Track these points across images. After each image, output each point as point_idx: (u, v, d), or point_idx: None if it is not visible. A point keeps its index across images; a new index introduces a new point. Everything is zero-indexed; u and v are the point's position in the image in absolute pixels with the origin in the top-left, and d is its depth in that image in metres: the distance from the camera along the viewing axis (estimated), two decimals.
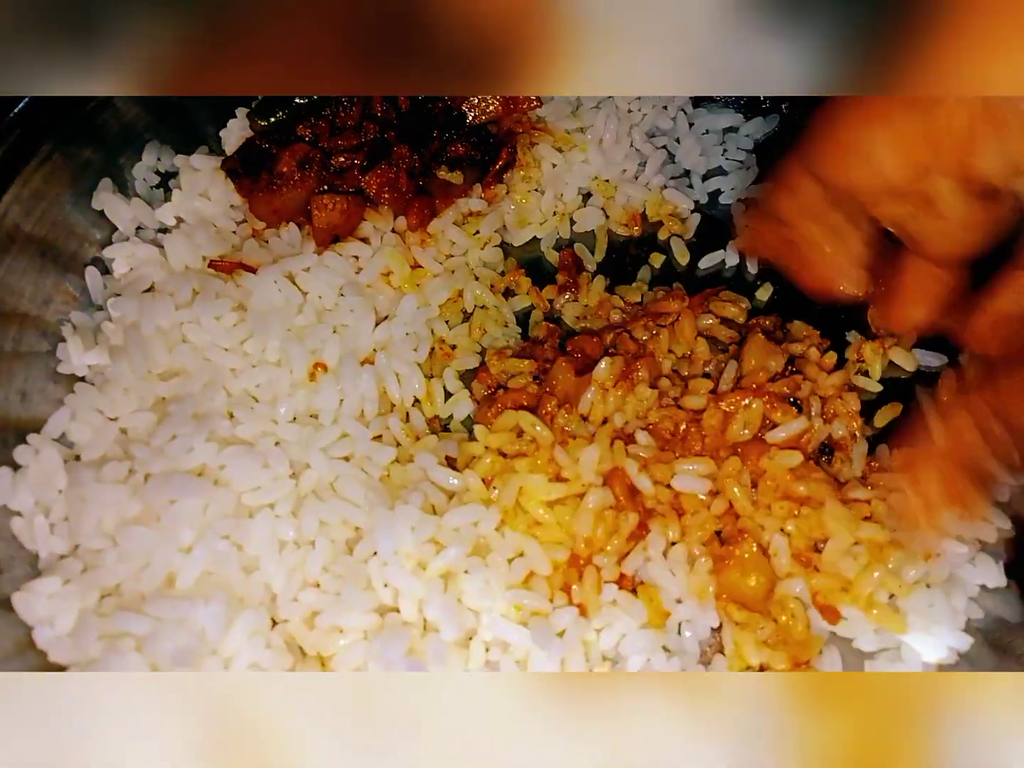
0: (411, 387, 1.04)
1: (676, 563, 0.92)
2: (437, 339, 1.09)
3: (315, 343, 1.00)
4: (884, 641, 0.91)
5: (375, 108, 1.09)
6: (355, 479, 0.93)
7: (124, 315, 1.00)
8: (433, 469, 0.95)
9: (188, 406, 0.93)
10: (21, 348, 1.00)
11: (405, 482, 0.95)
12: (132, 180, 1.14)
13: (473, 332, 1.10)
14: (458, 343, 1.09)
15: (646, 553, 0.93)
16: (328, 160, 1.06)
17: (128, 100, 1.13)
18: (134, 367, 0.96)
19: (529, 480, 0.93)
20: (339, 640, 0.86)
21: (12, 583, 0.87)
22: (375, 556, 0.89)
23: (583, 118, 1.23)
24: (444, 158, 1.14)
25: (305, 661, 0.86)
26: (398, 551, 0.87)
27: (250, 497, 0.90)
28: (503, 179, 1.17)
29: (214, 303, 0.99)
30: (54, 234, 1.06)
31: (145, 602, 0.82)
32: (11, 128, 1.01)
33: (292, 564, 0.87)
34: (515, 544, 0.92)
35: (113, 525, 0.86)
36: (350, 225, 1.07)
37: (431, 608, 0.86)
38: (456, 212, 1.14)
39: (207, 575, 0.85)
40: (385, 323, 1.05)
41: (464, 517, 0.91)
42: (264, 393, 0.98)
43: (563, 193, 1.21)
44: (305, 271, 1.03)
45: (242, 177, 1.08)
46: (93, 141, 1.10)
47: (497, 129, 1.20)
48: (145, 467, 0.89)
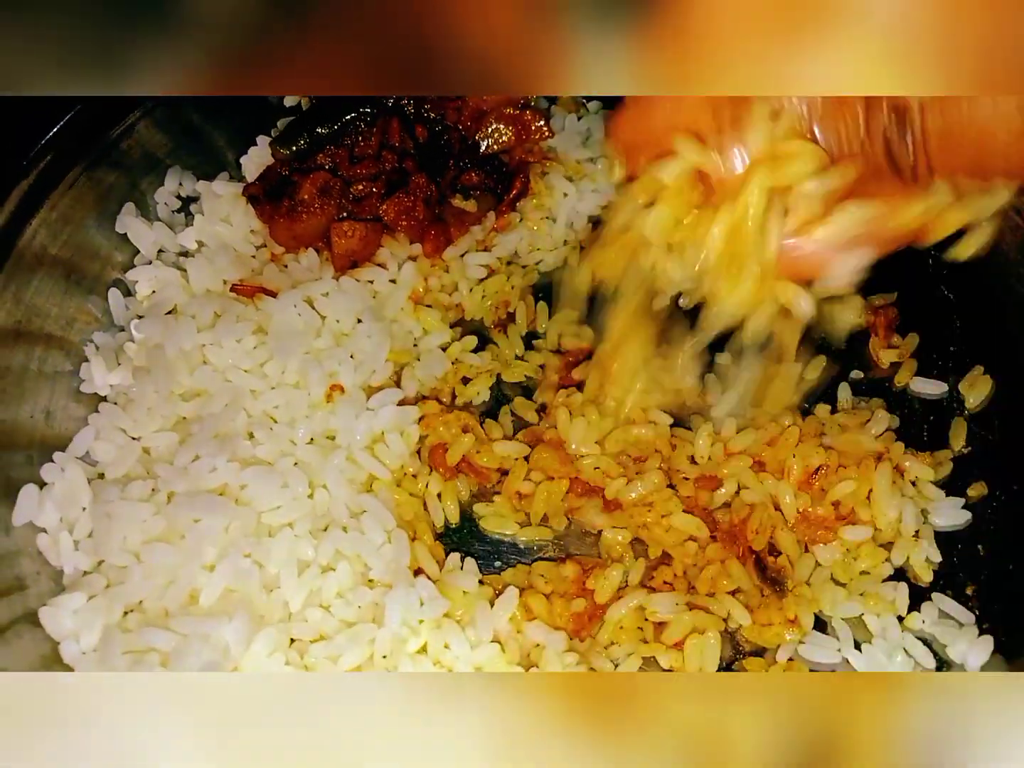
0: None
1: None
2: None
3: (332, 366, 1.03)
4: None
5: (393, 138, 1.12)
6: (376, 516, 0.95)
7: (148, 337, 1.03)
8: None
9: (210, 426, 0.96)
10: (46, 368, 1.03)
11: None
12: (154, 204, 1.17)
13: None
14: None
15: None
16: (347, 188, 1.09)
17: (151, 126, 1.16)
18: (158, 388, 0.99)
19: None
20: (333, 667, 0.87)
21: (38, 598, 0.89)
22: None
23: (593, 148, 1.27)
24: (458, 186, 1.17)
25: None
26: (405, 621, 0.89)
27: (270, 516, 0.92)
28: (516, 207, 1.20)
29: (235, 326, 1.02)
30: (78, 257, 1.09)
31: (170, 618, 0.84)
32: (43, 154, 1.04)
33: (311, 585, 0.89)
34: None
35: (138, 542, 0.89)
36: (368, 251, 1.10)
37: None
38: (470, 239, 1.17)
39: (229, 592, 0.87)
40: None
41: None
42: (283, 414, 1.01)
43: (574, 221, 1.24)
44: (324, 296, 1.06)
45: (263, 203, 1.11)
46: (117, 166, 1.13)
47: (509, 158, 1.24)
48: (168, 486, 0.91)
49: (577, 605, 0.94)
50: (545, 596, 0.95)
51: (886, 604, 0.94)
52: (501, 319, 1.16)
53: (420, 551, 0.95)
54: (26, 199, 1.03)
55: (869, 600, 0.95)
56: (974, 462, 1.05)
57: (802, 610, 0.93)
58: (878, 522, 0.98)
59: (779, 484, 0.99)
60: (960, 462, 1.04)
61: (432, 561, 0.95)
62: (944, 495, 1.01)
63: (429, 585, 0.90)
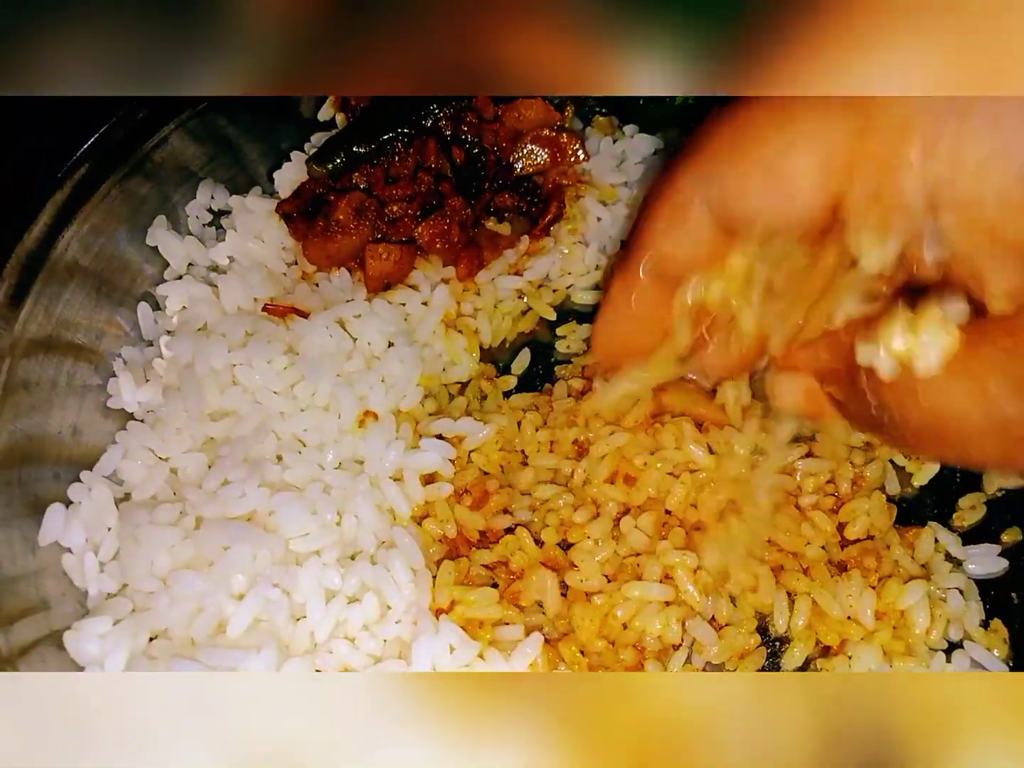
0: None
1: None
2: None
3: (363, 389, 1.02)
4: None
5: (429, 159, 1.11)
6: (404, 552, 0.93)
7: (178, 355, 1.02)
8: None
9: (240, 450, 0.95)
10: (75, 382, 1.02)
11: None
12: (185, 218, 1.17)
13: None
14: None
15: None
16: (382, 209, 1.08)
17: (185, 138, 1.15)
18: (187, 407, 0.98)
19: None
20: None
21: (62, 619, 0.88)
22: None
23: (628, 172, 1.26)
24: (492, 209, 1.16)
25: None
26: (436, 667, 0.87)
27: (298, 544, 0.91)
28: (550, 231, 1.19)
29: (266, 346, 1.01)
30: (109, 269, 1.08)
31: (197, 648, 0.83)
32: (78, 165, 1.03)
33: (338, 616, 0.88)
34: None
35: (165, 568, 0.88)
36: (401, 274, 1.09)
37: None
38: (503, 263, 1.15)
39: (256, 622, 0.86)
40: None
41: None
42: (312, 438, 0.99)
43: (606, 246, 1.23)
44: (356, 318, 1.05)
45: (296, 221, 1.10)
46: (150, 179, 1.12)
47: (544, 181, 1.22)
48: (197, 510, 0.90)
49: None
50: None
51: (921, 657, 0.92)
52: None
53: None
54: (60, 211, 1.02)
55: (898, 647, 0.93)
56: (1008, 506, 1.03)
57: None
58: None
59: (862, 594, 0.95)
60: (993, 506, 1.03)
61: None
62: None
63: (456, 629, 0.89)
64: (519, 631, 0.92)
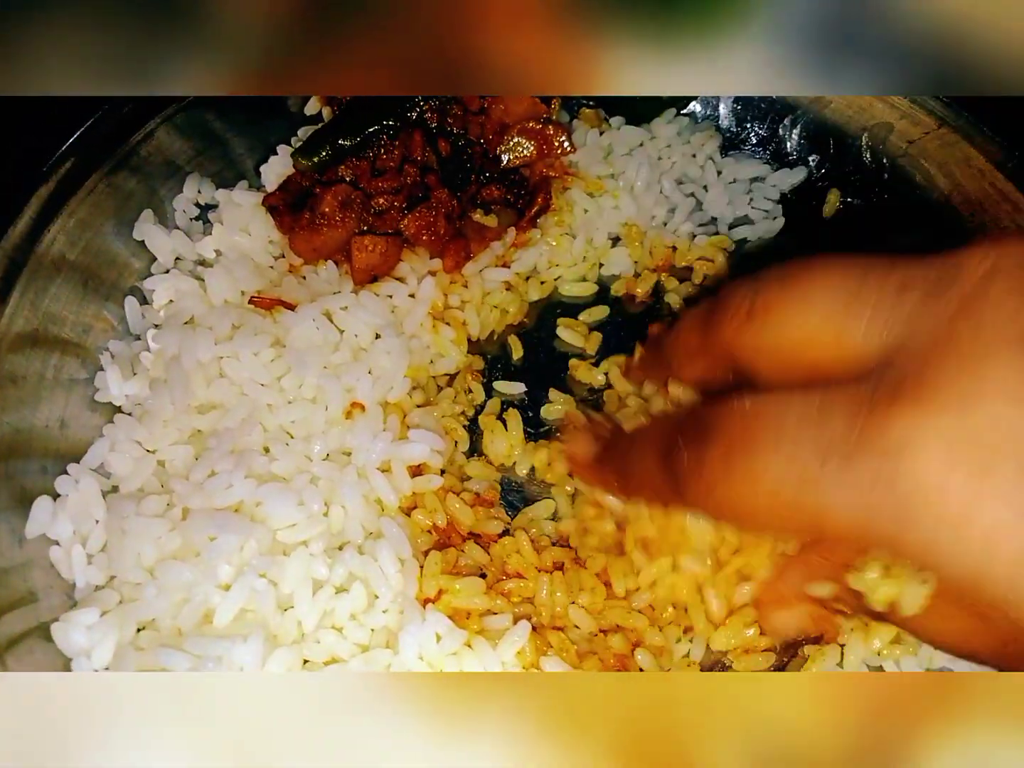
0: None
1: None
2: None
3: (350, 381, 1.02)
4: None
5: (415, 151, 1.11)
6: (392, 542, 0.93)
7: (164, 348, 1.02)
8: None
9: (226, 441, 0.95)
10: (62, 375, 1.02)
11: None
12: (172, 212, 1.16)
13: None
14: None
15: None
16: (368, 201, 1.08)
17: (171, 132, 1.15)
18: (174, 400, 0.98)
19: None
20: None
21: (50, 611, 0.88)
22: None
23: (614, 164, 1.26)
24: (479, 201, 1.17)
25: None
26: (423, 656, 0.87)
27: (285, 534, 0.91)
28: (537, 223, 1.19)
29: (253, 339, 1.01)
30: (96, 263, 1.08)
31: (183, 638, 0.84)
32: (63, 159, 1.03)
33: (325, 606, 0.88)
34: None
35: (152, 559, 0.88)
36: (388, 265, 1.09)
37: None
38: (490, 255, 1.16)
39: (243, 612, 0.86)
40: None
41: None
42: (299, 429, 1.00)
43: (593, 238, 1.23)
44: (343, 310, 1.05)
45: (283, 214, 1.10)
46: (137, 173, 1.12)
47: (530, 173, 1.23)
48: (184, 501, 0.90)
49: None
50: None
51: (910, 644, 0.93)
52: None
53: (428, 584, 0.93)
54: (46, 205, 1.02)
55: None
56: None
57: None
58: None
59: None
60: None
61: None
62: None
63: (442, 619, 0.89)
64: (507, 620, 0.92)
